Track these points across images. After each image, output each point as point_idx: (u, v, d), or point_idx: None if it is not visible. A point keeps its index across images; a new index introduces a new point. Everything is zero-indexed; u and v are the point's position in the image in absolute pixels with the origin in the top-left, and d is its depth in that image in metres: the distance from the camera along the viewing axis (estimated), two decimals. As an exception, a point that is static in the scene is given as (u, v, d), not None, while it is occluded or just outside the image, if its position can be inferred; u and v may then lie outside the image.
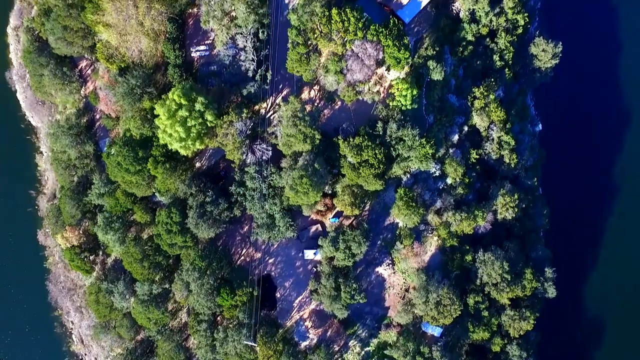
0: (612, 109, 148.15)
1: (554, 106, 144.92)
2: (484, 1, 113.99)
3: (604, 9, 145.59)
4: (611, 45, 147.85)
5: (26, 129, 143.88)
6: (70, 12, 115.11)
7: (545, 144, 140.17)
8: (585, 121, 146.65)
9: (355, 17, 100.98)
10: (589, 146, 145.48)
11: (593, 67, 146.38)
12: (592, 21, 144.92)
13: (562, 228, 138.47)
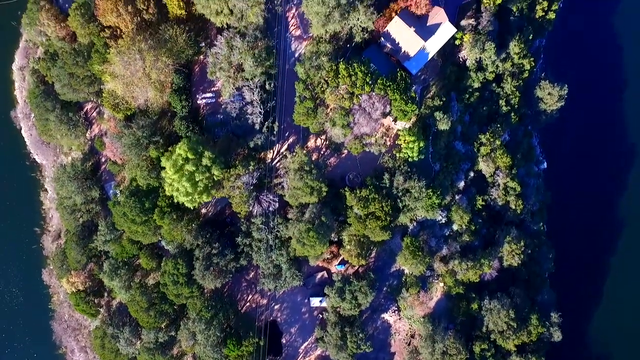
0: (618, 146, 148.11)
1: (559, 143, 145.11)
2: (490, 50, 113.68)
3: (609, 47, 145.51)
4: (616, 81, 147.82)
5: (31, 166, 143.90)
6: (77, 60, 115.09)
7: (550, 181, 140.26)
8: (590, 158, 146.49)
9: (362, 72, 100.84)
10: (593, 183, 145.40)
11: (599, 103, 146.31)
12: (598, 58, 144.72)
13: (567, 268, 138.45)
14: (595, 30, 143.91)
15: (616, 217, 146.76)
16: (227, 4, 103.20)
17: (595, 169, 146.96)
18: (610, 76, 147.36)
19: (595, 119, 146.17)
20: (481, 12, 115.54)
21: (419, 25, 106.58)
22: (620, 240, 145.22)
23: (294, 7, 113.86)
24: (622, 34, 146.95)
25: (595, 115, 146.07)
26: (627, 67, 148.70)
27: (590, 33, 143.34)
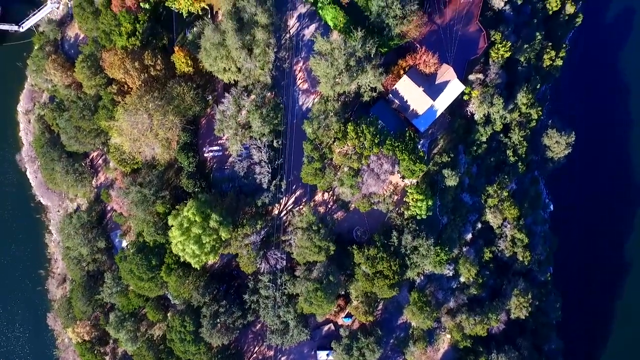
0: (625, 186, 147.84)
1: (566, 184, 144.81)
2: (499, 105, 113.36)
3: (615, 88, 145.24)
4: (624, 122, 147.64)
5: (36, 208, 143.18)
6: (83, 113, 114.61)
7: (557, 223, 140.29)
8: (597, 199, 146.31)
9: (371, 133, 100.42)
10: (600, 225, 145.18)
11: (606, 143, 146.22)
12: (605, 99, 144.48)
13: (575, 314, 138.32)
14: (602, 72, 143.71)
15: (623, 260, 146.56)
16: (235, 63, 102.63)
17: (602, 209, 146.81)
18: (617, 117, 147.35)
19: (602, 160, 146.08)
20: (489, 65, 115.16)
21: (428, 83, 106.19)
22: (628, 284, 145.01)
23: (301, 61, 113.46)
24: (628, 76, 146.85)
25: (602, 155, 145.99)
26: (633, 108, 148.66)
27: (597, 75, 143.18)
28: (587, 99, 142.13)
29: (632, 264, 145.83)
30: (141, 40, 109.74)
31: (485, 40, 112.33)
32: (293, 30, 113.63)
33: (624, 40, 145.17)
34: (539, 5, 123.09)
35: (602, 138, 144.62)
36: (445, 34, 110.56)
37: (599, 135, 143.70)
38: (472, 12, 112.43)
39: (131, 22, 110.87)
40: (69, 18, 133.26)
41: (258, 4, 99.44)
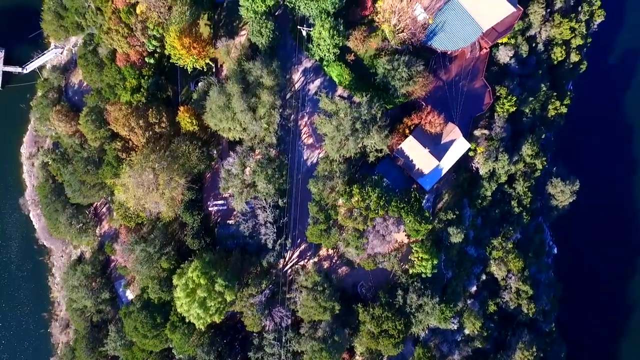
0: (628, 231, 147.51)
1: (570, 227, 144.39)
2: (503, 160, 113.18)
3: (619, 134, 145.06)
4: (628, 166, 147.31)
5: (39, 250, 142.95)
6: (88, 167, 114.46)
7: (561, 268, 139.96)
8: (601, 243, 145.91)
9: (376, 195, 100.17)
10: (606, 267, 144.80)
11: (610, 186, 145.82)
12: (608, 144, 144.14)
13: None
14: (607, 115, 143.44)
15: (628, 304, 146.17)
16: (240, 123, 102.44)
17: (607, 252, 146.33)
18: (622, 159, 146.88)
19: (607, 202, 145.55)
20: (494, 119, 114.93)
21: (433, 142, 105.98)
22: (633, 328, 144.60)
23: (306, 116, 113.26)
24: (633, 118, 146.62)
25: (608, 198, 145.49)
26: (638, 150, 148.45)
27: (602, 119, 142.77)
28: (592, 143, 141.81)
29: (636, 308, 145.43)
30: (146, 96, 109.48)
31: (491, 96, 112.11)
32: (298, 84, 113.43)
33: (628, 83, 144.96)
34: (543, 55, 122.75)
35: (608, 181, 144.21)
36: (451, 91, 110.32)
37: (604, 177, 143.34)
38: (478, 67, 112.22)
39: (136, 77, 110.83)
40: (73, 65, 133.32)
41: (263, 67, 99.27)
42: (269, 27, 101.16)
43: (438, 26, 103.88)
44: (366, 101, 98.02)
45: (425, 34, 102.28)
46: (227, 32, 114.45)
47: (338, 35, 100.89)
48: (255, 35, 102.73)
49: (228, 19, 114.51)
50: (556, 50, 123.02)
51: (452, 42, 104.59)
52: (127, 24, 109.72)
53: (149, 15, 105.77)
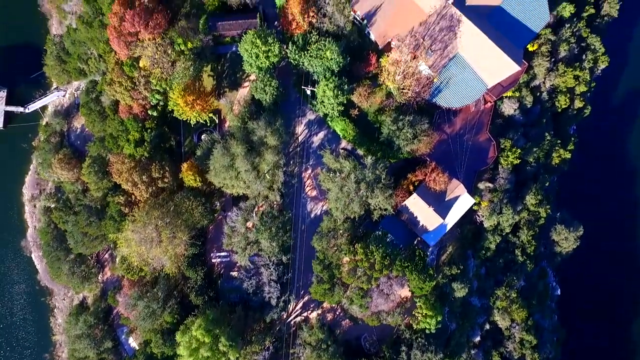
0: (633, 273, 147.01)
1: (574, 268, 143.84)
2: (508, 214, 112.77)
3: (624, 175, 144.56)
4: (632, 208, 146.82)
5: (41, 291, 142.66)
6: (90, 220, 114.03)
7: (565, 311, 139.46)
8: (605, 283, 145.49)
9: (380, 255, 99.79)
10: (608, 311, 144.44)
11: (614, 228, 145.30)
12: (613, 186, 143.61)
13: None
14: (611, 158, 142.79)
15: (633, 344, 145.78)
16: (244, 181, 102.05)
17: (611, 292, 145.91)
18: (627, 200, 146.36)
19: (612, 243, 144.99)
20: (498, 170, 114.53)
21: (437, 199, 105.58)
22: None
23: (310, 168, 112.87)
24: (636, 160, 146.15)
25: (613, 239, 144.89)
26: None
27: (606, 161, 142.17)
28: (596, 186, 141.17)
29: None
30: (149, 150, 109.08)
31: (496, 150, 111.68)
32: (302, 136, 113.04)
33: (632, 126, 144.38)
34: (547, 103, 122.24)
35: (612, 223, 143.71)
36: (455, 144, 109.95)
37: (608, 219, 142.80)
38: (483, 121, 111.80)
39: (138, 130, 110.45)
40: (75, 109, 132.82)
41: (267, 126, 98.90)
42: (273, 86, 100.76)
43: (443, 83, 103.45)
44: (371, 164, 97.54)
45: (429, 92, 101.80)
46: (231, 83, 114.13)
47: (342, 94, 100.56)
48: (259, 93, 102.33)
49: (231, 69, 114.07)
50: (560, 98, 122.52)
51: (457, 99, 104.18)
52: (130, 77, 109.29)
53: (153, 71, 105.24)
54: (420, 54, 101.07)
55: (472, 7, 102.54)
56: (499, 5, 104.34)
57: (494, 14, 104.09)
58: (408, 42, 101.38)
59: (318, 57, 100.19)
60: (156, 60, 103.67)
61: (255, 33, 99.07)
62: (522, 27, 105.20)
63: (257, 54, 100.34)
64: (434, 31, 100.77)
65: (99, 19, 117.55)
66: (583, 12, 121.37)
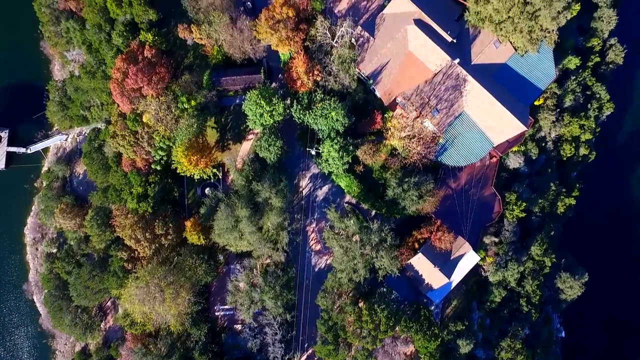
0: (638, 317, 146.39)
1: (578, 310, 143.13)
2: (513, 269, 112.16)
3: (629, 220, 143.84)
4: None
5: (44, 333, 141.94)
6: (93, 273, 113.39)
7: (569, 355, 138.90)
8: (610, 326, 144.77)
9: (385, 316, 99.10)
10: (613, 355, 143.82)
11: (619, 271, 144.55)
12: (618, 231, 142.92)
13: None
14: (615, 202, 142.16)
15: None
16: (248, 240, 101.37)
17: (616, 336, 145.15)
18: (632, 244, 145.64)
19: (616, 286, 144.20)
20: (503, 223, 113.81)
21: (442, 258, 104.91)
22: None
23: (314, 222, 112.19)
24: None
25: (617, 282, 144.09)
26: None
27: (610, 206, 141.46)
28: (601, 230, 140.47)
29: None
30: (152, 205, 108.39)
31: (501, 205, 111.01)
32: (305, 190, 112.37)
33: (638, 169, 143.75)
34: (552, 152, 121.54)
35: (617, 268, 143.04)
36: (460, 199, 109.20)
37: (612, 264, 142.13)
38: (488, 176, 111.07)
39: (142, 184, 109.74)
40: (78, 154, 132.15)
41: (272, 187, 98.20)
42: (277, 145, 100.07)
43: (448, 141, 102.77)
44: (376, 228, 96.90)
45: (435, 152, 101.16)
46: (234, 135, 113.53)
47: (347, 155, 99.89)
48: (263, 151, 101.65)
49: (235, 122, 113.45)
50: (565, 147, 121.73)
51: (463, 157, 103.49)
52: (133, 131, 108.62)
53: (156, 127, 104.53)
54: (426, 114, 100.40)
55: (478, 65, 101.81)
56: (505, 62, 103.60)
57: (500, 72, 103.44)
58: (413, 101, 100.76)
59: (323, 116, 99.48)
60: (160, 117, 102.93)
61: (259, 93, 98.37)
62: (529, 84, 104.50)
63: (261, 113, 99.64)
64: (440, 90, 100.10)
65: (102, 69, 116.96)
66: (588, 61, 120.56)
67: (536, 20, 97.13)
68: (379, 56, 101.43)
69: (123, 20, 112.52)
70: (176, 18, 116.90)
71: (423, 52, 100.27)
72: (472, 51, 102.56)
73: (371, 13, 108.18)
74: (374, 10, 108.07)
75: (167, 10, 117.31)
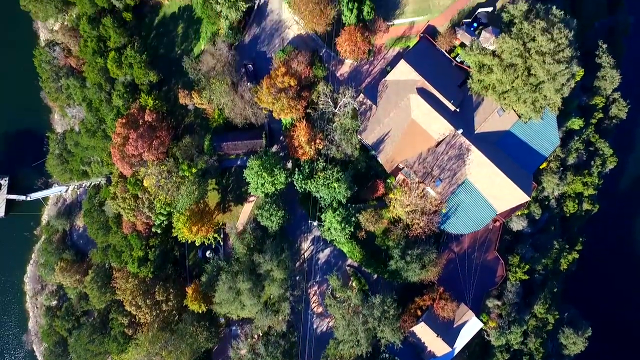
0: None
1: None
2: (516, 332, 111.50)
3: (632, 271, 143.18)
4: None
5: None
6: (93, 337, 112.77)
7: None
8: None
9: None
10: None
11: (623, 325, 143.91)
12: (621, 283, 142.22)
13: None
14: (619, 255, 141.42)
15: None
16: (249, 310, 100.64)
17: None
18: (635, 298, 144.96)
19: (620, 341, 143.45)
20: (506, 285, 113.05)
21: (445, 325, 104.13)
22: None
23: (315, 285, 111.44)
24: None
25: (622, 338, 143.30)
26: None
27: (613, 258, 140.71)
28: (605, 282, 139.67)
29: None
30: (153, 270, 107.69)
31: (504, 269, 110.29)
32: (307, 253, 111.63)
33: None
34: (556, 210, 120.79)
35: (621, 318, 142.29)
36: (463, 264, 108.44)
37: (617, 313, 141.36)
38: (491, 240, 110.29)
39: (142, 248, 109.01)
40: (78, 207, 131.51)
41: (273, 259, 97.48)
42: (279, 215, 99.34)
43: (451, 210, 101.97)
44: (379, 302, 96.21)
45: (438, 224, 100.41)
46: (236, 197, 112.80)
47: (350, 226, 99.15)
48: (264, 220, 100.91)
49: (236, 183, 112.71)
50: (569, 203, 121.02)
51: (465, 225, 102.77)
52: (133, 195, 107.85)
53: (157, 194, 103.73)
54: (428, 183, 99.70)
55: (482, 134, 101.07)
56: (509, 129, 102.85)
57: (503, 139, 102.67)
58: (417, 169, 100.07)
59: (325, 185, 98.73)
60: (160, 185, 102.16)
61: (260, 164, 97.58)
62: (533, 151, 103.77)
63: (262, 183, 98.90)
64: (443, 160, 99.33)
65: (102, 127, 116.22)
66: (591, 118, 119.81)
67: (540, 91, 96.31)
68: (382, 125, 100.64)
69: (123, 80, 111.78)
70: (177, 76, 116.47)
71: (426, 120, 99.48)
72: (476, 119, 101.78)
73: (373, 77, 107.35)
74: (376, 74, 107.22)
75: (168, 68, 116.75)
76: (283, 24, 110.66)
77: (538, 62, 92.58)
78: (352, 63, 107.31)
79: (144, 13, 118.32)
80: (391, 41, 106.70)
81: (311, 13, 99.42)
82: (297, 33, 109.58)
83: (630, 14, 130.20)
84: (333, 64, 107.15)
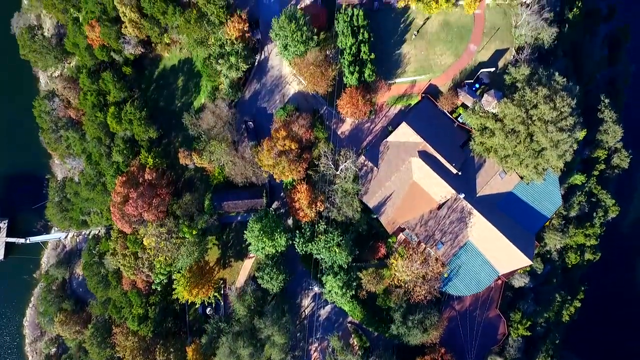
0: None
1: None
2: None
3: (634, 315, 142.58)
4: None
5: None
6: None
7: None
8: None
9: None
10: None
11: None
12: (624, 334, 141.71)
13: None
14: (621, 302, 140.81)
15: None
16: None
17: None
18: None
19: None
20: (508, 341, 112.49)
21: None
22: None
23: (316, 342, 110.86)
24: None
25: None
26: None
27: (615, 305, 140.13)
28: (607, 331, 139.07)
29: None
30: (152, 329, 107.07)
31: (506, 327, 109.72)
32: (308, 309, 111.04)
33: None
34: (557, 262, 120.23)
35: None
36: (465, 322, 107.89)
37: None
38: (493, 297, 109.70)
39: (142, 305, 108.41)
40: (77, 255, 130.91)
41: (274, 324, 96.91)
42: (280, 279, 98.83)
43: (453, 271, 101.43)
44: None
45: (439, 288, 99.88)
46: (236, 253, 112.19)
47: (351, 289, 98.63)
48: (265, 282, 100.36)
49: (236, 239, 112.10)
50: (570, 255, 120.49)
51: (467, 287, 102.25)
52: (133, 252, 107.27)
53: (157, 255, 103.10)
54: (430, 246, 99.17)
55: (484, 196, 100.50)
56: (511, 191, 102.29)
57: (506, 200, 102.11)
58: (418, 232, 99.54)
59: (326, 248, 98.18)
60: (160, 247, 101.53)
61: (261, 228, 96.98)
62: (535, 212, 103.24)
63: (263, 246, 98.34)
64: (445, 224, 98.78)
65: (102, 181, 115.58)
66: (593, 170, 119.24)
67: (542, 157, 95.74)
68: (383, 189, 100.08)
69: (123, 135, 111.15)
70: (177, 130, 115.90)
71: (427, 183, 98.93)
72: (478, 181, 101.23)
73: (375, 135, 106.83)
74: (377, 132, 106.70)
75: (168, 121, 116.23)
76: (283, 79, 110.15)
77: (540, 129, 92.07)
78: (354, 121, 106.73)
79: (144, 65, 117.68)
80: (393, 99, 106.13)
81: (312, 75, 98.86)
82: (297, 89, 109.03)
83: (632, 62, 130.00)
84: (334, 122, 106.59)
